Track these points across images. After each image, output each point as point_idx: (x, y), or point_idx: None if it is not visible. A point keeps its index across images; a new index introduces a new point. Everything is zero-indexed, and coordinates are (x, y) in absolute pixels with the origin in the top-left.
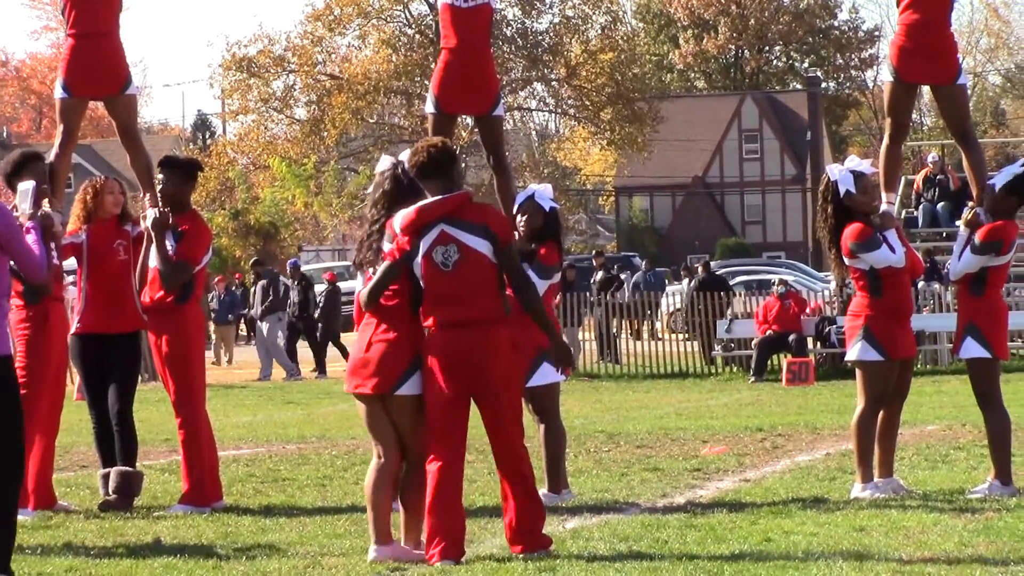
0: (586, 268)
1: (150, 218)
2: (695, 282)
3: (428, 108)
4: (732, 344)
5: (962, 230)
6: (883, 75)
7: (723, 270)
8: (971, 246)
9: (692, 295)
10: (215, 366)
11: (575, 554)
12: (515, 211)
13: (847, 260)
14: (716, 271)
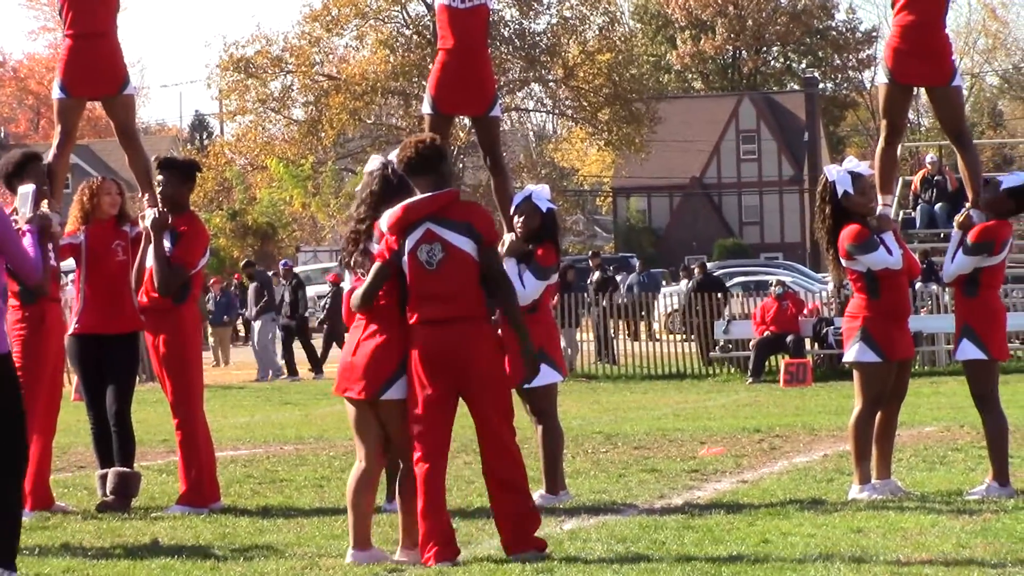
0: (584, 269)
1: (149, 218)
2: (692, 283)
3: (425, 109)
4: (730, 345)
5: (955, 232)
6: (879, 77)
7: (720, 271)
8: (963, 247)
9: (689, 296)
10: (215, 367)
11: (572, 555)
12: (512, 212)
13: (844, 262)
14: (714, 272)
